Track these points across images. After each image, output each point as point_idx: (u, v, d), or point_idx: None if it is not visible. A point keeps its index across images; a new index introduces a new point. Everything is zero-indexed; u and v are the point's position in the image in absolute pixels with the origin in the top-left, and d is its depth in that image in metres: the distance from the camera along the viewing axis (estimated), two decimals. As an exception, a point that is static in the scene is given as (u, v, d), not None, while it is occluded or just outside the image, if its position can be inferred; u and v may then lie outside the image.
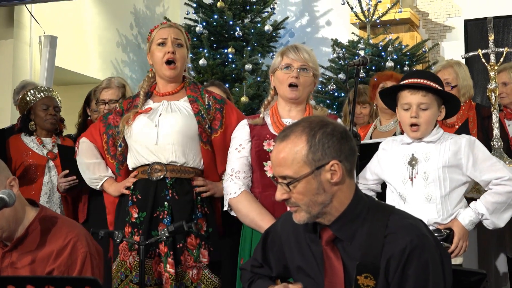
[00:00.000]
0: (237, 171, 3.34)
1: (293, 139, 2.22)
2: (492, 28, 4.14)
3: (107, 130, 3.63)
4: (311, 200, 2.22)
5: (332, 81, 7.48)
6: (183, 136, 3.46)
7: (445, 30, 8.83)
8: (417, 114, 3.14)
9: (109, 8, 8.51)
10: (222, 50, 7.71)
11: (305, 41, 9.07)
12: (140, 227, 3.41)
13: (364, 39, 7.85)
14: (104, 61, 8.38)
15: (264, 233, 2.58)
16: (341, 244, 2.26)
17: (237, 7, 7.96)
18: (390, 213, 2.25)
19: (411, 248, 2.14)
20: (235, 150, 3.39)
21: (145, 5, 9.22)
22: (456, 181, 3.17)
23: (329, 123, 2.25)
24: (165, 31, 3.56)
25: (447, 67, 4.50)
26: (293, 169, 2.20)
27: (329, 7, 9.27)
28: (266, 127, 3.38)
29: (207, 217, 3.51)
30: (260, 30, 7.85)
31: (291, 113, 3.39)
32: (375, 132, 4.70)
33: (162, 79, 3.59)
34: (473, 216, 3.15)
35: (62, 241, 2.58)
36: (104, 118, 3.71)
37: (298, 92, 3.33)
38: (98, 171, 3.63)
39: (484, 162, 3.15)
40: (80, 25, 8.03)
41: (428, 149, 3.20)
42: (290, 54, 3.34)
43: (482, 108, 4.50)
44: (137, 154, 3.50)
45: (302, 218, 2.25)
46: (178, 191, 3.45)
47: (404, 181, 3.21)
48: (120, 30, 8.72)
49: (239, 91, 7.11)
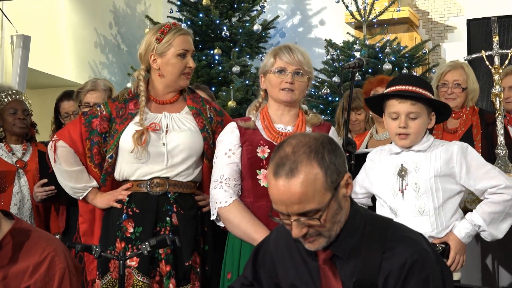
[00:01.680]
0: (227, 178, 3.29)
1: (304, 170, 2.14)
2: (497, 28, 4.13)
3: (91, 136, 3.54)
4: (332, 223, 2.20)
5: (325, 85, 7.50)
6: (191, 154, 3.48)
7: (446, 30, 8.88)
8: (406, 124, 3.13)
9: (86, 6, 8.49)
10: (208, 51, 7.71)
11: (296, 41, 9.07)
12: (135, 243, 3.38)
13: (360, 39, 7.88)
14: (80, 63, 8.35)
15: (255, 249, 2.56)
16: (339, 261, 2.25)
17: (224, 5, 7.97)
18: (388, 227, 2.25)
19: (410, 263, 2.14)
20: (224, 155, 3.34)
21: (125, 3, 9.21)
22: (450, 191, 3.16)
23: (323, 137, 2.24)
24: (187, 41, 3.56)
25: (458, 67, 4.49)
26: (316, 201, 2.15)
27: (322, 6, 9.30)
28: (258, 132, 3.35)
29: (205, 234, 3.52)
30: (249, 30, 7.86)
31: (284, 118, 3.38)
32: (371, 141, 4.70)
33: (169, 87, 3.58)
34: (469, 228, 3.14)
35: (39, 256, 2.58)
36: (86, 121, 3.58)
37: (293, 95, 3.32)
38: (82, 181, 3.55)
39: (478, 169, 3.14)
40: (55, 24, 8.01)
41: (418, 158, 3.19)
42: (284, 56, 3.31)
43: (486, 113, 4.48)
44: (136, 170, 3.48)
45: (321, 245, 2.23)
46: (183, 206, 3.45)
47: (394, 194, 3.20)
48: (98, 30, 8.70)
49: (226, 95, 7.12)
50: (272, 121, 3.38)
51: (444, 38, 8.87)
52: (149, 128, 3.46)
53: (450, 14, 8.88)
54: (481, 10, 8.21)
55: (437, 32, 8.91)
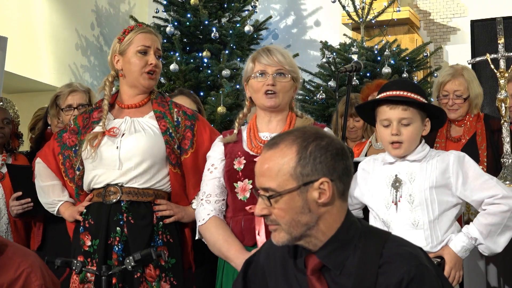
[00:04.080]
0: (208, 195, 3.35)
1: (282, 148, 2.23)
2: (502, 30, 4.14)
3: (62, 151, 3.64)
4: (293, 219, 2.22)
5: (321, 89, 7.49)
6: (145, 158, 3.47)
7: (449, 32, 8.91)
8: (398, 131, 3.14)
9: (66, 5, 8.48)
10: (196, 53, 7.70)
11: (290, 43, 9.10)
12: (94, 256, 3.40)
13: (357, 41, 7.89)
14: (60, 66, 8.33)
15: (245, 264, 2.56)
16: (329, 274, 2.25)
17: (213, 4, 7.97)
18: (385, 240, 2.25)
19: (408, 279, 2.14)
20: (207, 171, 3.41)
21: (108, 2, 9.20)
22: (446, 203, 3.17)
23: (325, 136, 2.26)
24: (148, 38, 3.59)
25: (457, 76, 4.48)
26: (277, 182, 2.21)
27: (318, 5, 9.31)
28: (239, 144, 3.39)
29: (169, 246, 3.50)
30: (240, 31, 7.86)
31: (271, 125, 3.40)
32: (371, 150, 4.70)
33: (133, 88, 3.60)
34: (465, 242, 3.14)
35: (14, 273, 2.57)
36: (58, 136, 3.71)
37: (277, 99, 3.33)
38: (52, 195, 3.63)
39: (475, 180, 3.14)
40: (33, 24, 7.99)
41: (412, 168, 3.20)
42: (262, 59, 3.35)
43: (491, 120, 4.50)
44: (93, 178, 3.51)
45: (282, 239, 2.25)
46: (134, 215, 3.45)
47: (387, 206, 3.21)
48: (80, 31, 8.69)
49: (216, 100, 7.11)
50: (258, 130, 3.41)
51: (447, 40, 8.90)
52: (107, 132, 3.50)
53: (453, 14, 8.91)
54: (486, 10, 8.24)
55: (439, 33, 8.94)
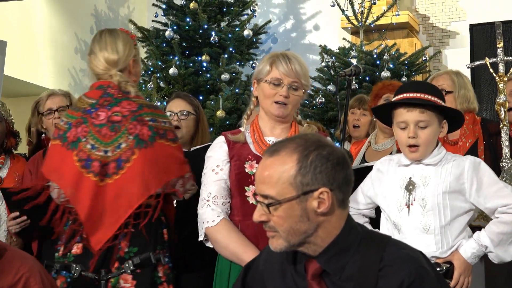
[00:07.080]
0: (215, 196, 3.29)
1: (283, 155, 2.23)
2: (501, 34, 4.15)
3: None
4: (292, 227, 2.22)
5: (320, 93, 7.49)
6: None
7: (448, 36, 8.91)
8: (415, 133, 3.13)
9: (66, 10, 8.49)
10: (195, 57, 7.71)
11: (289, 47, 9.10)
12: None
13: (356, 45, 7.89)
14: (60, 70, 8.34)
15: (244, 269, 2.56)
16: (329, 279, 2.26)
17: (212, 9, 7.99)
18: (386, 244, 2.25)
19: (408, 282, 2.14)
20: (212, 171, 3.35)
21: (108, 6, 9.21)
22: (458, 209, 3.15)
23: (326, 145, 2.26)
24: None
25: (442, 74, 4.52)
26: (276, 190, 2.21)
27: (317, 10, 9.32)
28: (247, 146, 3.35)
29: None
30: (239, 35, 7.86)
31: (275, 131, 3.37)
32: (369, 151, 4.67)
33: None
34: (476, 248, 3.13)
35: (13, 277, 2.56)
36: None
37: (286, 110, 3.31)
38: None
39: (490, 187, 3.13)
40: (32, 29, 7.99)
41: (427, 172, 3.18)
42: (281, 65, 3.28)
43: (489, 123, 4.49)
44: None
45: (279, 246, 2.26)
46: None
47: (399, 208, 3.20)
48: (79, 35, 8.69)
49: (215, 104, 7.11)
50: (262, 133, 3.38)
51: (446, 44, 8.90)
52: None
53: (452, 19, 8.91)
54: (485, 14, 8.25)
55: (439, 37, 8.94)
